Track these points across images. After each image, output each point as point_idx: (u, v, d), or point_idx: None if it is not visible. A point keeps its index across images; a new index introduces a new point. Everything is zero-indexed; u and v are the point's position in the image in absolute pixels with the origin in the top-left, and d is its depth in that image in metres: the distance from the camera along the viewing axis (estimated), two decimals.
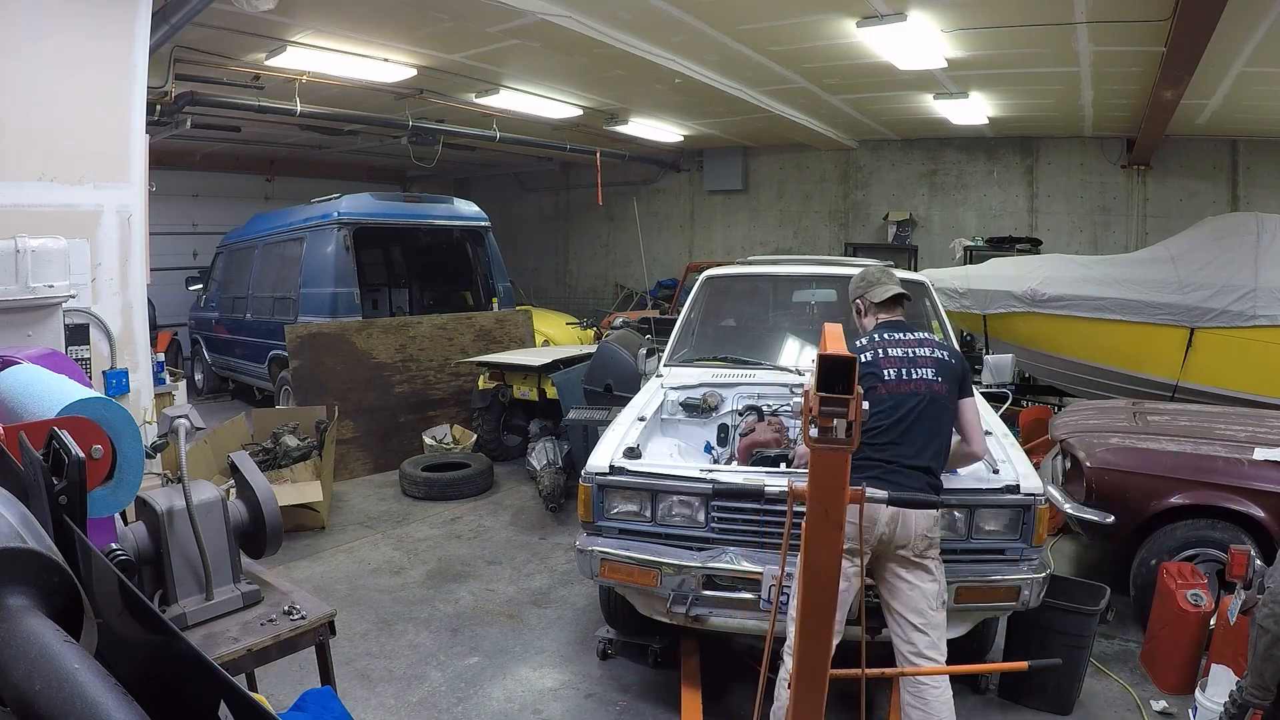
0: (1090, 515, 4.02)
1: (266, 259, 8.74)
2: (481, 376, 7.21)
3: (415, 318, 8.34)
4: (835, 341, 1.95)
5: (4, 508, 0.63)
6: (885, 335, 2.92)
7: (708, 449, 4.01)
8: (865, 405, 2.57)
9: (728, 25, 6.31)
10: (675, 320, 5.06)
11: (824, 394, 1.77)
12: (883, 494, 2.43)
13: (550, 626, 4.16)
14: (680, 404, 4.17)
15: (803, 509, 1.95)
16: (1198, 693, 3.14)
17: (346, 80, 7.52)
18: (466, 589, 4.61)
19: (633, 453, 3.33)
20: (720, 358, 4.54)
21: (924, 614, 2.70)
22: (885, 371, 2.81)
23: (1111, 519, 3.97)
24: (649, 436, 3.71)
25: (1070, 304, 6.47)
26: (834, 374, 1.76)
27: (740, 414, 4.02)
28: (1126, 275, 6.43)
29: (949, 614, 2.97)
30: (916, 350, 2.87)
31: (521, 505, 6.12)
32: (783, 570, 2.34)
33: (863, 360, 2.79)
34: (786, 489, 2.14)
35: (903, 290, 3.07)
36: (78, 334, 4.24)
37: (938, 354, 2.87)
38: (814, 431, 1.83)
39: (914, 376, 2.81)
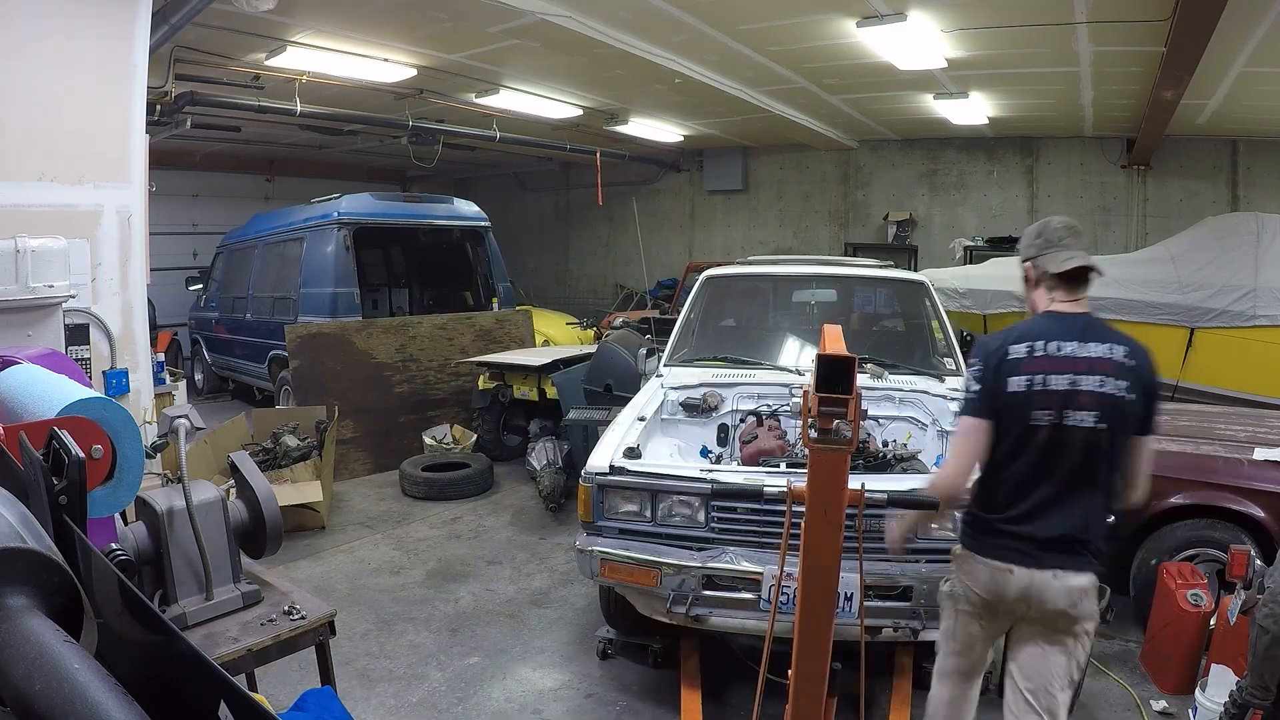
0: None
1: (266, 259, 8.74)
2: (481, 376, 7.21)
3: (415, 318, 8.35)
4: (834, 341, 1.95)
5: (4, 508, 0.63)
6: (1052, 325, 2.23)
7: (704, 453, 4.00)
8: (981, 422, 2.13)
9: (728, 25, 6.31)
10: (675, 320, 5.06)
11: (823, 394, 1.77)
12: (881, 494, 2.39)
13: (550, 626, 4.16)
14: (680, 404, 4.17)
15: (803, 509, 1.95)
16: (1198, 693, 3.14)
17: (346, 80, 7.52)
18: (466, 589, 4.61)
19: (633, 453, 3.33)
20: (720, 358, 4.54)
21: (1049, 690, 2.22)
22: (1046, 383, 2.16)
23: (1111, 519, 3.96)
24: (649, 436, 3.71)
25: None
26: (833, 374, 1.76)
27: (741, 418, 4.02)
28: (1126, 275, 6.43)
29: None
30: (1095, 364, 2.15)
31: (521, 505, 6.12)
32: (781, 570, 2.34)
33: (1010, 356, 2.18)
34: (786, 489, 2.14)
35: (1089, 264, 2.21)
36: (78, 334, 4.23)
37: (1126, 368, 2.16)
38: (813, 432, 1.83)
39: (1080, 404, 2.15)
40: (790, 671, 2.12)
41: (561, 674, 3.70)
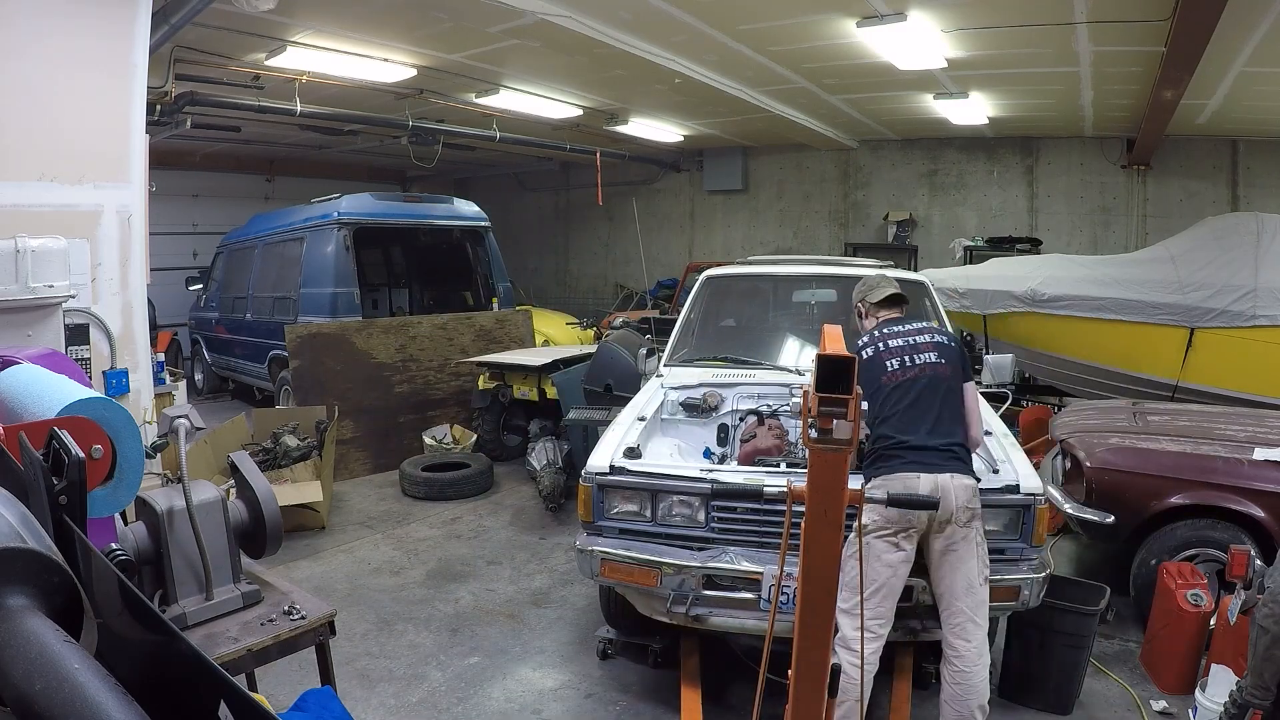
0: (1090, 515, 4.02)
1: (266, 259, 8.74)
2: (481, 376, 7.21)
3: (415, 318, 8.35)
4: (834, 341, 1.95)
5: (4, 508, 0.63)
6: (884, 330, 3.08)
7: (707, 454, 3.99)
8: (864, 405, 2.76)
9: (728, 25, 6.31)
10: (675, 320, 5.06)
11: (823, 394, 1.77)
12: (882, 494, 2.43)
13: (550, 626, 4.16)
14: (680, 404, 4.16)
15: (802, 509, 1.95)
16: (1198, 693, 3.14)
17: (346, 80, 7.52)
18: (466, 589, 4.61)
19: (633, 453, 3.33)
20: (720, 358, 4.53)
21: (971, 589, 2.76)
22: (888, 363, 2.95)
23: (1111, 519, 3.97)
24: (649, 436, 3.70)
25: (1070, 304, 6.47)
26: (833, 374, 1.76)
27: (741, 417, 4.02)
28: (1126, 275, 6.42)
29: None
30: (916, 338, 3.03)
31: (521, 505, 6.12)
32: (781, 570, 2.34)
33: (864, 356, 2.96)
34: (786, 489, 2.14)
35: (899, 290, 3.27)
36: (78, 334, 4.23)
37: (938, 339, 3.05)
38: (813, 432, 1.83)
39: (917, 362, 2.94)
40: (790, 671, 2.12)
41: (561, 674, 3.70)
